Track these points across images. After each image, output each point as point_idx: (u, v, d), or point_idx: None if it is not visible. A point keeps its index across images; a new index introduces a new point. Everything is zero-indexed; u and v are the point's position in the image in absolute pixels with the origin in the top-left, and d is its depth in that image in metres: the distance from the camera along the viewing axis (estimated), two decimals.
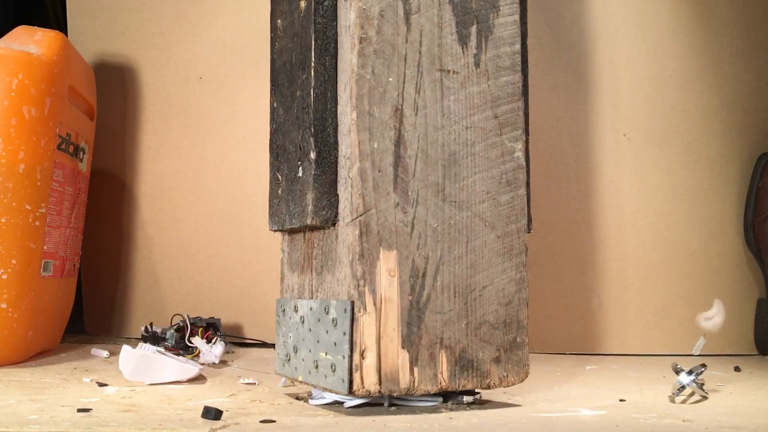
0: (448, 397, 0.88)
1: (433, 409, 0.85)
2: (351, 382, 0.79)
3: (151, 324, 1.32)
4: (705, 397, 0.93)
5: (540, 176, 1.37)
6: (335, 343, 0.81)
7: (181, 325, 1.27)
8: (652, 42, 1.37)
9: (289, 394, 0.95)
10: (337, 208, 0.83)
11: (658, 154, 1.37)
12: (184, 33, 1.46)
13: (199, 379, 1.04)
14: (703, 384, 0.93)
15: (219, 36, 1.45)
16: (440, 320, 0.83)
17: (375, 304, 0.80)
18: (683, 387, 0.92)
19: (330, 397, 0.88)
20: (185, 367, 1.01)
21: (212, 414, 0.78)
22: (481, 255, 0.85)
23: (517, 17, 0.89)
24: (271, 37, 0.96)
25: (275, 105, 0.94)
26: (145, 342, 1.16)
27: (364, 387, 0.79)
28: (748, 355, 1.35)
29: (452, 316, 0.83)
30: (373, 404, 0.86)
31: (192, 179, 1.46)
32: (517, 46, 0.88)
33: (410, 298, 0.82)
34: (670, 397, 0.93)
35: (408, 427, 0.75)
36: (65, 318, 1.29)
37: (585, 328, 1.36)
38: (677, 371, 0.93)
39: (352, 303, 0.79)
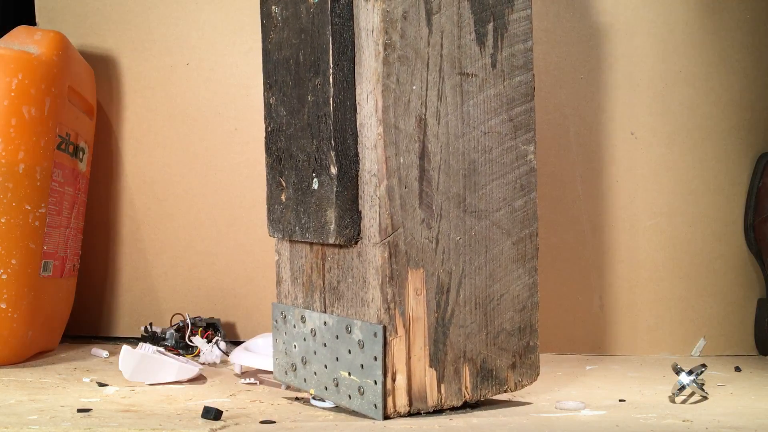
0: None
1: (433, 410, 0.84)
2: (385, 407, 0.78)
3: (150, 324, 1.32)
4: (705, 397, 0.93)
5: (545, 176, 1.37)
6: (362, 366, 0.80)
7: (181, 324, 1.27)
8: (663, 36, 1.36)
9: (289, 394, 0.95)
10: (359, 225, 0.80)
11: (664, 153, 1.36)
12: (168, 14, 1.40)
13: (199, 379, 1.04)
14: (703, 384, 0.93)
15: (208, 19, 1.40)
16: (463, 334, 0.82)
17: (404, 326, 0.79)
18: (683, 387, 0.92)
19: (331, 404, 0.88)
20: (185, 367, 1.01)
21: (212, 414, 0.78)
22: (499, 263, 0.84)
23: (530, 11, 0.86)
24: (264, 25, 0.91)
25: (273, 102, 0.90)
26: (144, 342, 1.15)
27: (395, 410, 0.79)
28: (749, 355, 1.35)
29: (474, 328, 0.83)
30: None
31: (178, 172, 1.41)
32: (530, 43, 0.86)
33: (436, 315, 0.81)
34: (670, 397, 0.93)
35: (408, 428, 0.75)
36: (65, 318, 1.28)
37: (586, 330, 1.36)
38: (677, 371, 0.93)
39: (384, 328, 0.78)
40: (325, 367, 0.85)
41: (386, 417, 0.78)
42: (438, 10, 0.80)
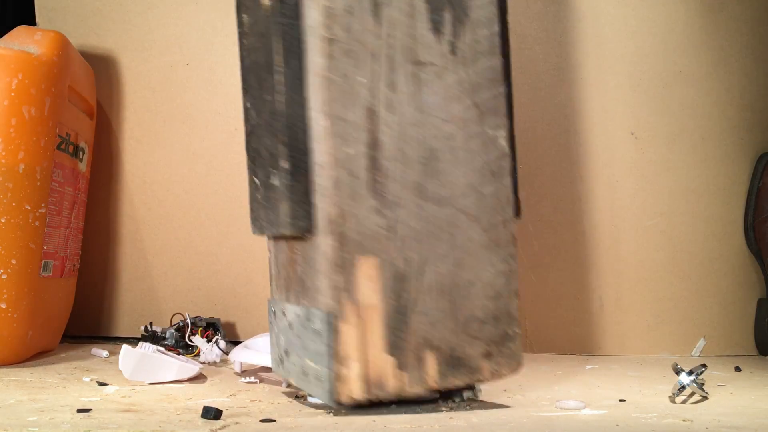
0: (447, 393, 0.88)
1: (433, 408, 0.84)
2: (336, 393, 0.78)
3: (150, 323, 1.32)
4: (705, 397, 0.93)
5: (545, 176, 1.37)
6: (319, 353, 0.80)
7: (181, 324, 1.27)
8: (663, 36, 1.36)
9: (289, 393, 0.95)
10: (312, 216, 0.81)
11: (665, 154, 1.36)
12: (168, 14, 1.41)
13: (199, 378, 1.04)
14: (703, 384, 0.93)
15: (208, 19, 1.40)
16: (426, 321, 0.82)
17: (356, 312, 0.79)
18: (683, 387, 0.92)
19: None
20: (185, 367, 1.01)
21: (212, 414, 0.78)
22: (467, 251, 0.83)
23: None
24: (239, 33, 0.92)
25: (248, 106, 0.91)
26: (145, 341, 1.15)
27: (349, 396, 0.79)
28: (749, 355, 1.35)
29: (439, 315, 0.82)
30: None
31: (178, 172, 1.41)
32: (496, 28, 0.85)
33: (394, 302, 0.81)
34: (670, 397, 0.93)
35: (408, 428, 0.75)
36: (65, 318, 1.28)
37: (586, 330, 1.36)
38: (677, 371, 0.93)
39: (333, 315, 0.78)
40: (299, 356, 0.86)
41: (339, 403, 0.79)
42: (387, 1, 0.81)
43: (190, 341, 1.23)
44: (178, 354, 1.14)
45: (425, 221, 0.82)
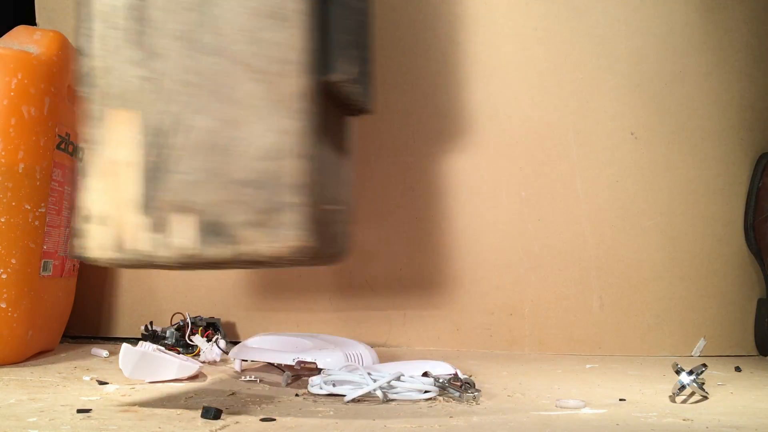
0: (445, 390, 0.88)
1: (433, 409, 0.84)
2: (84, 249, 0.76)
3: (151, 323, 1.32)
4: (705, 397, 0.93)
5: (545, 176, 1.37)
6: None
7: (182, 324, 1.27)
8: (663, 35, 1.36)
9: (289, 391, 0.95)
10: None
11: (665, 153, 1.36)
12: None
13: (199, 377, 1.04)
14: (703, 384, 0.93)
15: None
16: (188, 182, 0.76)
17: (105, 168, 0.76)
18: (684, 386, 0.92)
19: (326, 389, 0.90)
20: (185, 365, 1.01)
21: (212, 414, 0.78)
22: (242, 105, 0.76)
23: None
24: None
25: None
26: (145, 340, 1.15)
27: (95, 252, 0.76)
28: (749, 355, 1.35)
29: (203, 176, 0.76)
30: (369, 398, 0.87)
31: None
32: None
33: (153, 159, 0.76)
34: (670, 396, 0.93)
35: (408, 428, 0.75)
36: (65, 318, 1.28)
37: (586, 330, 1.36)
38: (678, 371, 0.93)
39: (82, 169, 0.76)
40: None
41: (83, 258, 0.77)
42: None
43: (190, 341, 1.23)
44: (178, 353, 1.14)
45: (195, 73, 0.76)
